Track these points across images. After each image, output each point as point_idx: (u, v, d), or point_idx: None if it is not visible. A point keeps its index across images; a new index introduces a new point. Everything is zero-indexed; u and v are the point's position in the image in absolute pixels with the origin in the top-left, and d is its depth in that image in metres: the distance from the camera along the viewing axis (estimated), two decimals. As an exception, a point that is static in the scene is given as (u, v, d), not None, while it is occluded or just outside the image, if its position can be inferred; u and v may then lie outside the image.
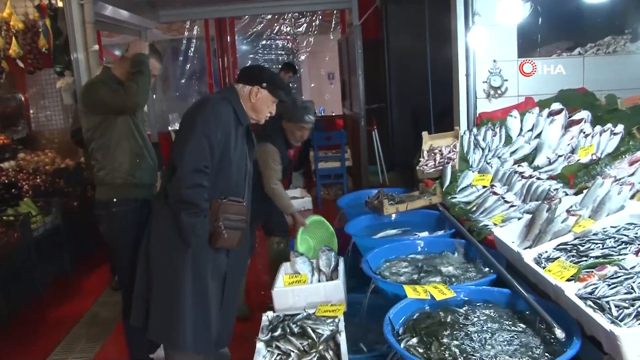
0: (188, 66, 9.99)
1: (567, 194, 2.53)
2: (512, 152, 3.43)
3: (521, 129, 3.63)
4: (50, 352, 3.59)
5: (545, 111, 3.56)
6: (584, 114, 3.31)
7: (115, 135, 2.77)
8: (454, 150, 3.67)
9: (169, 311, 2.33)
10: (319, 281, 2.70)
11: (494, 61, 3.91)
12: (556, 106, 3.52)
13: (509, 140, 3.60)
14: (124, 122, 2.78)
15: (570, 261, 1.93)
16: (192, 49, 9.89)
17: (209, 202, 2.27)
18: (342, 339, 2.15)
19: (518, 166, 3.19)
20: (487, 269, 2.40)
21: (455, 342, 1.82)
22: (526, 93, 3.93)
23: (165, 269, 2.35)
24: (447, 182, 3.37)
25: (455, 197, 3.20)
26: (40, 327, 3.99)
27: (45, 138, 5.56)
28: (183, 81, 9.99)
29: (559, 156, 3.13)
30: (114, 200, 2.77)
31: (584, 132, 3.16)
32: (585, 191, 2.35)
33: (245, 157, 2.42)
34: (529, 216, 2.42)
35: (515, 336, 1.84)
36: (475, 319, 1.96)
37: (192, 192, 2.21)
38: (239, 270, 2.52)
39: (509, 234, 2.38)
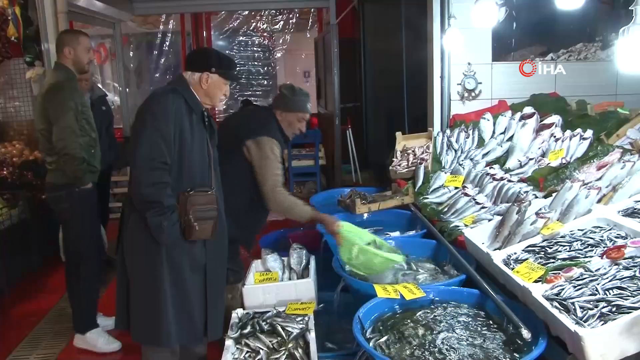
0: (163, 60, 9.83)
1: (536, 197, 2.56)
2: (484, 154, 3.47)
3: (494, 132, 3.67)
4: (13, 347, 3.51)
5: (518, 114, 3.60)
6: (555, 119, 3.37)
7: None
8: (427, 151, 3.69)
9: (149, 309, 2.31)
10: (290, 279, 2.69)
11: (469, 64, 3.95)
12: (528, 110, 3.56)
13: (481, 143, 3.63)
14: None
15: (539, 263, 1.96)
16: (168, 43, 9.74)
17: (174, 197, 2.24)
18: (312, 337, 2.13)
19: (490, 168, 3.22)
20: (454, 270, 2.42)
21: (423, 342, 1.83)
22: (499, 96, 3.97)
23: (141, 268, 2.33)
24: (420, 183, 3.38)
25: (427, 198, 3.22)
26: (4, 324, 3.88)
27: (13, 129, 5.39)
28: (157, 75, 9.83)
29: (530, 159, 3.16)
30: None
31: (555, 136, 3.21)
32: (554, 194, 2.38)
33: (206, 144, 2.37)
34: (499, 218, 2.45)
35: (483, 336, 1.86)
36: (444, 319, 1.97)
37: (153, 190, 2.18)
38: (220, 259, 2.49)
39: (480, 235, 2.40)
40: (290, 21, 10.22)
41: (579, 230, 2.11)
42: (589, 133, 3.02)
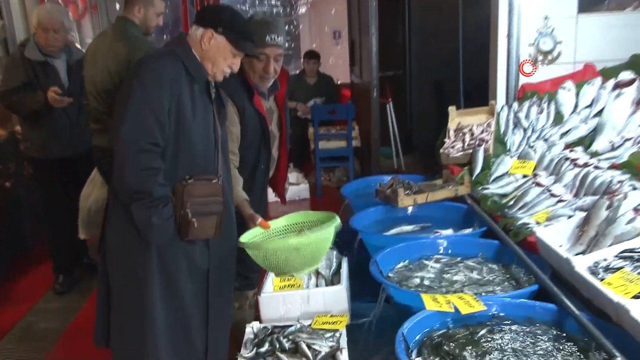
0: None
1: (635, 188, 2.51)
2: (563, 134, 3.41)
3: (576, 105, 3.59)
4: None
5: (611, 82, 3.52)
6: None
7: None
8: (488, 129, 3.65)
9: (134, 326, 2.32)
10: (317, 286, 2.69)
11: (546, 18, 3.85)
12: (625, 76, 3.47)
13: (559, 119, 3.56)
14: None
15: (638, 273, 1.92)
16: (165, -5, 9.82)
17: (167, 186, 2.23)
18: (344, 357, 2.13)
19: (570, 151, 3.17)
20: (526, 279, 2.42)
21: None
22: (586, 59, 3.87)
23: (125, 274, 2.34)
24: (478, 170, 3.36)
25: (488, 188, 3.19)
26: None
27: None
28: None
29: (626, 140, 3.10)
30: None
31: (662, 110, 3.14)
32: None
33: (212, 122, 2.37)
34: (583, 214, 2.42)
35: None
36: (510, 340, 1.97)
37: (140, 177, 2.16)
38: (227, 263, 2.51)
39: (556, 236, 2.38)
40: (318, -33, 10.20)
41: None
42: None
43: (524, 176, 3.16)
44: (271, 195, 3.40)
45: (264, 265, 2.47)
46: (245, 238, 2.52)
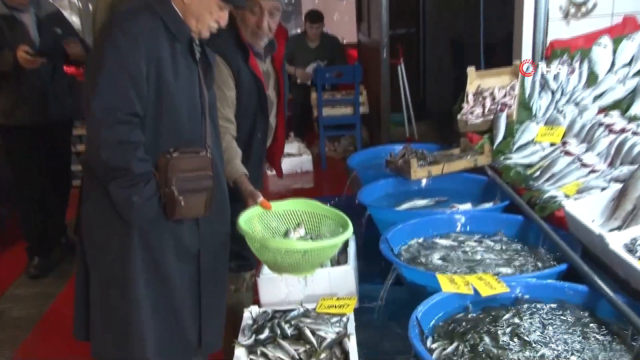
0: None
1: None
2: (597, 97, 3.38)
3: (613, 63, 3.56)
4: None
5: (655, 36, 3.49)
6: None
7: None
8: (511, 93, 3.61)
9: (118, 313, 2.31)
10: (322, 266, 2.63)
11: (580, -37, 3.81)
12: (672, 29, 3.47)
13: (592, 80, 3.54)
14: None
15: None
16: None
17: (149, 161, 2.19)
18: (352, 344, 2.12)
19: (605, 116, 3.14)
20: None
21: (509, 356, 1.84)
22: (625, 10, 3.82)
23: (105, 259, 2.31)
24: (500, 137, 3.35)
25: (511, 158, 3.19)
26: None
27: None
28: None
29: (671, 103, 3.09)
30: None
31: None
32: None
33: (198, 85, 2.31)
34: (618, 185, 2.40)
35: (595, 351, 1.85)
36: (536, 326, 1.98)
37: (116, 152, 2.11)
38: (220, 243, 2.48)
39: (588, 210, 2.37)
40: None
41: None
42: None
43: (552, 144, 3.14)
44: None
45: (258, 256, 2.41)
46: (243, 218, 2.45)
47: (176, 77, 2.21)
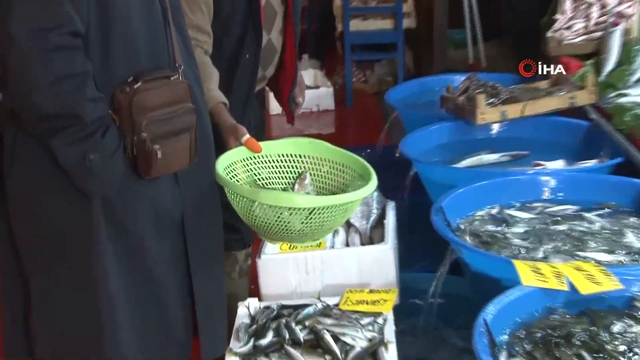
0: None
1: None
2: None
3: None
4: None
5: None
6: None
7: None
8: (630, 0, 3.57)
9: (81, 313, 2.20)
10: (348, 245, 2.64)
11: None
12: None
13: None
14: None
15: None
16: None
17: (105, 100, 2.03)
18: (391, 356, 2.04)
19: None
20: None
21: None
22: None
23: (54, 252, 2.18)
24: (612, 65, 3.33)
25: (627, 95, 3.17)
26: None
27: None
28: None
29: None
30: None
31: None
32: None
33: None
34: None
35: None
36: None
37: (58, 93, 1.93)
38: (208, 204, 2.37)
39: None
40: None
41: None
42: None
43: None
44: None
45: (243, 217, 2.28)
46: (222, 163, 2.33)
47: None
